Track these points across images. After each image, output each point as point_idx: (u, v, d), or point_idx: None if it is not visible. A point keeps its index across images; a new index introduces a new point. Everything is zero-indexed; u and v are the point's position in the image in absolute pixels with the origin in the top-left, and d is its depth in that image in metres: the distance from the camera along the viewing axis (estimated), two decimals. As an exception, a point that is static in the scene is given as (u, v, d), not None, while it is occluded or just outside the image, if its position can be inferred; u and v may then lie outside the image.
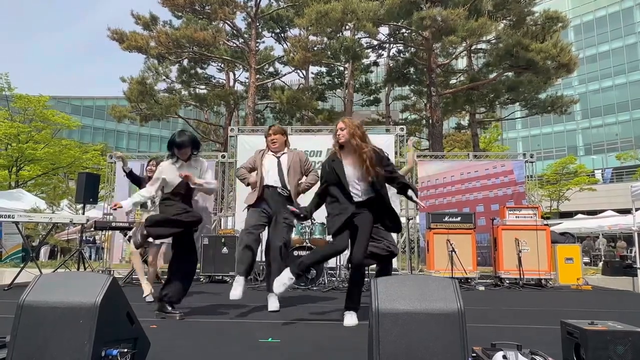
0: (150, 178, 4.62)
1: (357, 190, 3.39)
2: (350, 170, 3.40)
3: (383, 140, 8.44)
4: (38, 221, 8.70)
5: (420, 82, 20.16)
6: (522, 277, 6.73)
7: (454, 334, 1.80)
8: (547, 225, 7.32)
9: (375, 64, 23.23)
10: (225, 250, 7.09)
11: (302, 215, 3.52)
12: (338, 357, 2.50)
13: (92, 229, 10.30)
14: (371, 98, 24.35)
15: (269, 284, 3.89)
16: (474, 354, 2.13)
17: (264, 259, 4.87)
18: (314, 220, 6.39)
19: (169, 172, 3.77)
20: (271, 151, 4.16)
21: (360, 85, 23.65)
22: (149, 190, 3.82)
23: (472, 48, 19.55)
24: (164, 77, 19.48)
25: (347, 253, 3.69)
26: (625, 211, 17.11)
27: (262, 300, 4.31)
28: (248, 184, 4.18)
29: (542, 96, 18.67)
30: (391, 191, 3.62)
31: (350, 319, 3.36)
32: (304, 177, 4.18)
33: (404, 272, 7.83)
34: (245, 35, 20.53)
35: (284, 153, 4.15)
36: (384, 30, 19.55)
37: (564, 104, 18.53)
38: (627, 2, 40.07)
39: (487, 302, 5.11)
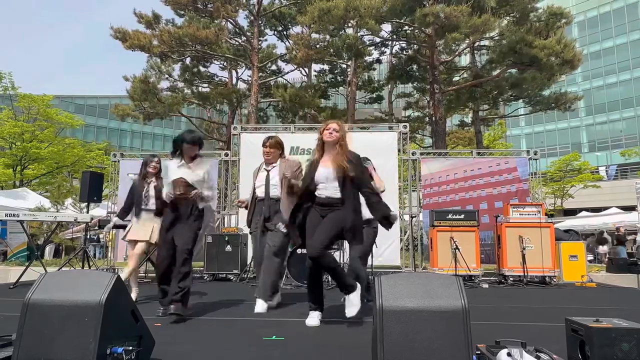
0: (152, 174, 4.59)
1: (325, 189, 3.31)
2: (322, 169, 3.35)
3: (386, 138, 8.44)
4: (42, 220, 8.75)
5: (423, 79, 20.06)
6: (526, 274, 6.72)
7: (458, 332, 1.80)
8: (551, 222, 7.30)
9: (378, 61, 23.07)
10: (228, 248, 7.10)
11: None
12: (341, 355, 2.51)
13: (96, 228, 10.34)
14: (374, 95, 24.23)
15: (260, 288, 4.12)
16: (478, 352, 2.13)
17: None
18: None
19: (174, 173, 3.74)
20: (264, 163, 4.34)
21: (363, 83, 23.53)
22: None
23: (475, 45, 19.41)
24: (166, 76, 19.49)
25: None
26: (630, 208, 17.03)
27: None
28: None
29: (545, 93, 18.54)
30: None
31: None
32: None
33: (408, 269, 7.83)
34: (248, 34, 20.51)
35: (274, 166, 4.26)
36: (386, 27, 19.43)
37: (568, 101, 18.40)
38: (631, -2, 39.76)
39: (491, 300, 5.10)
